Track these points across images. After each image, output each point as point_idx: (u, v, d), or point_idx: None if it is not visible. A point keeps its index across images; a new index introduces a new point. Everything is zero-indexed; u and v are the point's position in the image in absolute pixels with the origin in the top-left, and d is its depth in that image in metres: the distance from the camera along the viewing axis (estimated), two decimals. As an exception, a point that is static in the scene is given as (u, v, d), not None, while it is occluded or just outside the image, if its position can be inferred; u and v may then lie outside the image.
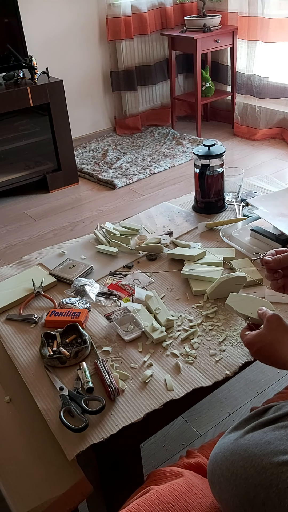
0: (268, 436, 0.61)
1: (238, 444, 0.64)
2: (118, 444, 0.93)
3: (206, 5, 3.77)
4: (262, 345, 0.81)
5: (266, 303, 0.95)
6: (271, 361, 0.82)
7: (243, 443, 0.63)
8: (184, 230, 1.51)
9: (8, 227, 2.87)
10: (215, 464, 0.66)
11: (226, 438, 0.68)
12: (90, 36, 3.71)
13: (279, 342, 0.79)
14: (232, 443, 0.65)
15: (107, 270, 1.35)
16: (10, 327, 1.17)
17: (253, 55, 3.60)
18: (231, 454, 0.63)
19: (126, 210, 2.90)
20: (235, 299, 0.98)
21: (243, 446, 0.62)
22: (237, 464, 0.61)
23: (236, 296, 0.99)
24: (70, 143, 3.21)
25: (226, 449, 0.65)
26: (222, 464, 0.64)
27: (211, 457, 0.68)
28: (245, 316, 0.93)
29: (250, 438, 0.63)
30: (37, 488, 0.86)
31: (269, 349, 0.80)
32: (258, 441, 0.61)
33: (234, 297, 0.99)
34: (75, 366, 1.03)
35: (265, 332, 0.82)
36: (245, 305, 0.95)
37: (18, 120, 3.06)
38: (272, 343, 0.80)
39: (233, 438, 0.66)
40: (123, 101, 3.97)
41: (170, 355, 1.04)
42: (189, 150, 3.62)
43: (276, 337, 0.80)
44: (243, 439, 0.64)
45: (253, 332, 0.85)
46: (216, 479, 0.65)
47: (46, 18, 3.42)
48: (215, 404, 1.65)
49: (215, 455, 0.67)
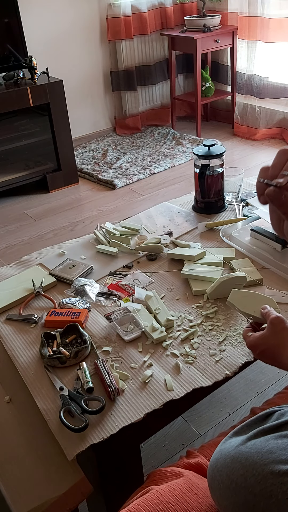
0: (270, 445, 0.60)
1: (239, 451, 0.63)
2: (118, 444, 0.92)
3: (206, 5, 3.77)
4: (265, 348, 0.80)
5: (269, 300, 0.93)
6: (275, 364, 0.80)
7: (244, 451, 0.62)
8: (184, 230, 1.51)
9: (8, 227, 2.87)
10: (216, 469, 0.65)
11: (227, 443, 0.68)
12: (90, 36, 3.70)
13: (284, 346, 0.77)
14: (233, 450, 0.64)
15: (107, 270, 1.35)
16: (10, 327, 1.17)
17: (253, 55, 3.60)
18: (232, 462, 0.63)
19: (126, 210, 2.90)
20: (237, 296, 0.95)
21: (245, 454, 0.62)
22: (238, 472, 0.61)
23: (238, 292, 0.95)
24: (70, 143, 3.21)
25: (227, 456, 0.65)
26: (222, 470, 0.64)
27: (212, 462, 0.68)
28: (248, 315, 0.90)
29: (252, 445, 0.62)
30: (37, 488, 0.86)
31: (273, 352, 0.79)
32: (260, 450, 0.61)
33: (236, 293, 0.95)
34: (75, 366, 1.03)
35: (269, 335, 0.80)
36: (247, 303, 0.92)
37: (18, 120, 3.06)
38: (276, 346, 0.78)
39: (235, 444, 0.65)
40: (123, 101, 3.97)
41: (170, 355, 1.04)
42: (189, 150, 3.62)
43: (280, 341, 0.78)
44: (245, 446, 0.63)
45: (256, 333, 0.83)
46: (216, 485, 0.65)
47: (46, 18, 3.42)
48: (215, 404, 1.65)
49: (216, 460, 0.67)
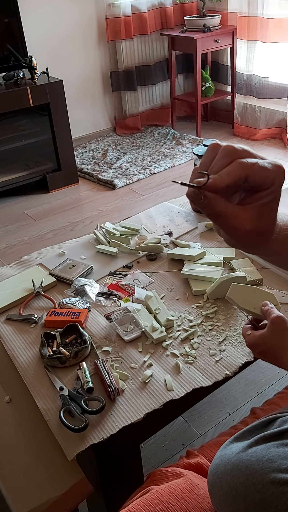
0: (272, 453, 0.60)
1: (240, 458, 0.63)
2: (118, 444, 0.92)
3: (206, 5, 3.77)
4: (266, 348, 0.79)
5: (270, 296, 0.90)
6: (276, 364, 0.79)
7: (245, 458, 0.62)
8: (184, 230, 1.51)
9: (8, 227, 2.87)
10: (216, 476, 0.65)
11: (227, 449, 0.67)
12: (90, 36, 3.70)
13: (285, 347, 0.76)
14: (233, 457, 0.64)
15: (107, 270, 1.35)
16: (10, 327, 1.17)
17: (252, 55, 3.60)
18: (232, 469, 0.62)
19: (126, 210, 2.89)
20: (237, 290, 0.91)
21: (245, 462, 0.61)
22: (238, 480, 0.60)
23: (238, 287, 0.92)
24: (70, 143, 3.21)
25: (228, 463, 0.64)
26: (222, 477, 0.63)
27: (212, 468, 0.67)
28: (247, 311, 0.88)
29: (252, 453, 0.62)
30: (37, 488, 0.86)
31: (273, 353, 0.78)
32: (261, 458, 0.60)
33: (236, 288, 0.92)
34: (75, 366, 1.03)
35: (269, 335, 0.79)
36: (247, 298, 0.89)
37: (18, 120, 3.06)
38: (277, 347, 0.77)
39: (235, 450, 0.65)
40: (123, 101, 3.97)
41: (170, 355, 1.04)
42: (189, 150, 3.62)
43: (281, 342, 0.77)
44: (246, 453, 0.63)
45: (256, 333, 0.81)
46: (216, 491, 0.64)
47: (46, 18, 3.41)
48: (215, 404, 1.65)
49: (216, 466, 0.66)
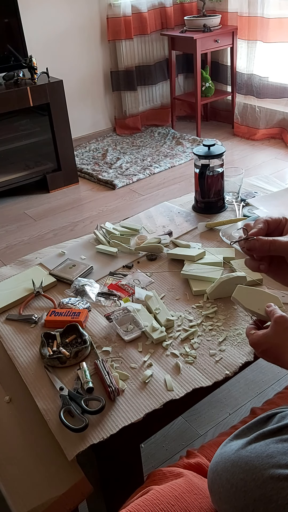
0: (271, 449, 0.60)
1: (239, 455, 0.63)
2: (118, 444, 0.92)
3: (206, 5, 3.77)
4: (268, 347, 0.79)
5: (274, 298, 0.90)
6: (277, 363, 0.80)
7: (244, 455, 0.62)
8: (184, 230, 1.51)
9: (8, 227, 2.87)
10: (216, 473, 0.65)
11: (227, 447, 0.67)
12: (90, 36, 3.70)
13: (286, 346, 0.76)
14: (233, 454, 0.64)
15: (107, 270, 1.35)
16: (10, 327, 1.17)
17: (253, 55, 3.60)
18: (232, 466, 0.63)
19: (126, 210, 2.90)
20: (243, 292, 0.92)
21: (245, 458, 0.62)
22: (237, 477, 0.61)
23: (243, 288, 0.93)
24: (70, 143, 3.21)
25: (227, 460, 0.64)
26: (222, 474, 0.64)
27: (212, 465, 0.68)
28: (252, 312, 0.88)
29: (252, 449, 0.62)
30: (37, 488, 0.86)
31: (275, 352, 0.78)
32: (260, 454, 0.60)
33: (241, 290, 0.92)
34: (75, 366, 1.03)
35: (272, 334, 0.79)
36: (252, 300, 0.90)
37: (18, 120, 3.06)
38: (278, 346, 0.77)
39: (235, 447, 0.65)
40: (123, 101, 3.97)
41: (170, 355, 1.04)
42: (189, 150, 3.62)
43: (283, 340, 0.77)
44: (245, 450, 0.63)
45: (259, 332, 0.81)
46: (216, 488, 0.65)
47: (46, 18, 3.42)
48: (215, 404, 1.65)
49: (216, 464, 0.66)
